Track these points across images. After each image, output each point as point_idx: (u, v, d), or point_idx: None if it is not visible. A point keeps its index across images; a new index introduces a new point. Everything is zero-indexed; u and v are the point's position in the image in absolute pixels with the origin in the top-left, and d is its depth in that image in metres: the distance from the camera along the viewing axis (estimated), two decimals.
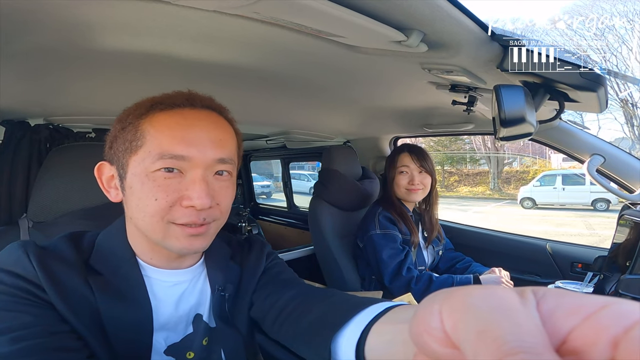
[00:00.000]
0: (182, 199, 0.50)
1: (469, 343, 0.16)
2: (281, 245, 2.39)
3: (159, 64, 0.85)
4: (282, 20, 0.59)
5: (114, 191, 0.56)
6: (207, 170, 0.52)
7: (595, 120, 12.41)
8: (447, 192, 14.43)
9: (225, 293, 0.61)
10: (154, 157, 0.50)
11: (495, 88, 0.72)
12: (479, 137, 14.16)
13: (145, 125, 0.52)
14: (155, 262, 0.57)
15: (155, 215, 0.50)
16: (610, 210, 9.29)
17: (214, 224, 0.54)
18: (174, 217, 0.51)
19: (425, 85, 1.03)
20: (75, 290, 0.49)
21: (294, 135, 1.90)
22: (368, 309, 0.39)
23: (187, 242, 0.52)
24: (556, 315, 0.16)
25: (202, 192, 0.50)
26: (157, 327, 0.55)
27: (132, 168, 0.51)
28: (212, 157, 0.52)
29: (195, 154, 0.51)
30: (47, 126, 1.12)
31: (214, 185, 0.53)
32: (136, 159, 0.51)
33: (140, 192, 0.51)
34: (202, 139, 0.52)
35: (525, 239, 1.67)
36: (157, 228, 0.51)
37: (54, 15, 0.60)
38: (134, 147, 0.51)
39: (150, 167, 0.50)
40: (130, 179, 0.52)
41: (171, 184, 0.50)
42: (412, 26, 0.61)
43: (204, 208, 0.51)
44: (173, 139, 0.50)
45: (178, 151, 0.50)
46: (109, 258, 0.55)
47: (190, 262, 0.61)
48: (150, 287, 0.56)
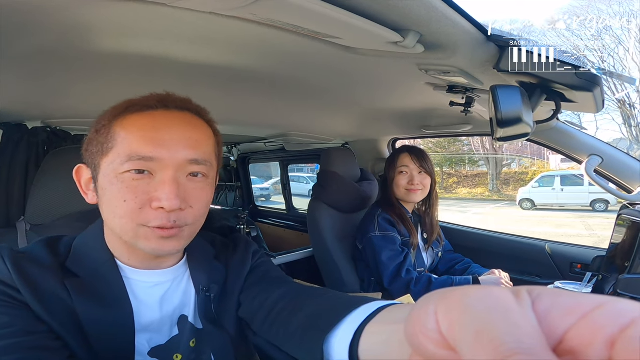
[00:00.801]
0: (152, 200, 0.50)
1: (466, 344, 0.16)
2: (280, 247, 2.39)
3: (157, 66, 0.86)
4: (278, 21, 0.59)
5: (91, 193, 0.55)
6: (179, 172, 0.51)
7: (593, 121, 12.44)
8: (446, 194, 14.43)
9: (210, 294, 0.61)
10: (123, 159, 0.49)
11: (492, 88, 0.72)
12: (478, 139, 14.19)
13: (117, 127, 0.51)
14: (133, 263, 0.57)
15: (125, 216, 0.50)
16: (609, 210, 9.28)
17: (186, 228, 0.53)
18: (144, 220, 0.50)
19: (422, 86, 1.03)
20: (51, 293, 0.49)
21: (292, 137, 1.91)
22: (361, 308, 0.38)
23: (157, 243, 0.51)
24: (552, 315, 0.16)
25: (171, 193, 0.49)
26: (139, 328, 0.54)
27: (103, 170, 0.51)
28: (184, 158, 0.51)
29: (165, 154, 0.50)
30: (45, 129, 1.12)
31: (186, 186, 0.52)
32: (107, 161, 0.51)
33: (110, 194, 0.50)
34: (173, 140, 0.51)
35: (524, 240, 1.67)
36: (127, 229, 0.51)
37: (52, 17, 0.60)
38: (106, 149, 0.51)
39: (119, 168, 0.50)
40: (102, 180, 0.51)
41: (140, 185, 0.50)
42: (408, 27, 0.61)
43: (173, 209, 0.50)
44: (142, 139, 0.50)
45: (146, 152, 0.49)
46: (87, 260, 0.55)
47: (171, 262, 0.60)
48: (130, 288, 0.55)
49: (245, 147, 2.80)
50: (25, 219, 0.91)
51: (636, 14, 10.67)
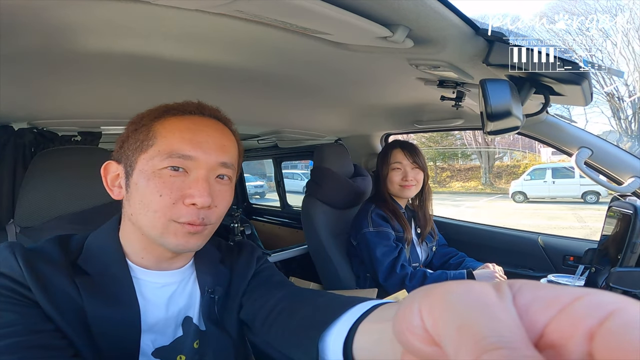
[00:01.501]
0: (185, 197, 0.53)
1: (449, 340, 0.16)
2: (275, 244, 2.39)
3: (144, 65, 0.84)
4: (266, 18, 0.58)
5: (117, 189, 0.58)
6: (210, 172, 0.55)
7: (582, 114, 12.60)
8: (440, 188, 14.52)
9: (214, 295, 0.62)
10: (163, 156, 0.53)
11: (481, 82, 0.72)
12: (470, 132, 14.29)
13: (157, 127, 0.55)
14: (145, 263, 0.58)
15: (159, 210, 0.52)
16: (600, 202, 9.42)
17: (209, 226, 0.56)
18: (176, 215, 0.53)
19: (413, 81, 1.03)
20: (61, 290, 0.50)
21: (285, 134, 1.90)
22: (355, 307, 0.39)
23: (184, 239, 0.54)
24: (532, 308, 0.16)
25: (204, 190, 0.53)
26: (145, 328, 0.55)
27: (140, 165, 0.54)
28: (216, 160, 0.55)
29: (201, 155, 0.54)
30: (32, 130, 1.10)
31: (214, 187, 0.56)
32: (145, 157, 0.54)
33: (145, 189, 0.53)
34: (208, 142, 0.55)
35: (518, 233, 1.69)
36: (158, 224, 0.53)
37: (36, 18, 0.59)
38: (145, 146, 0.54)
39: (158, 164, 0.53)
40: (137, 176, 0.54)
41: (176, 182, 0.53)
42: (397, 22, 0.61)
43: (204, 206, 0.53)
44: (183, 140, 0.54)
45: (186, 151, 0.53)
46: (98, 259, 0.56)
47: (180, 263, 0.62)
48: (139, 288, 0.56)
49: None
50: (15, 221, 0.89)
51: (623, 9, 10.79)
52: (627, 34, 10.36)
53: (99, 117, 1.12)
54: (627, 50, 10.98)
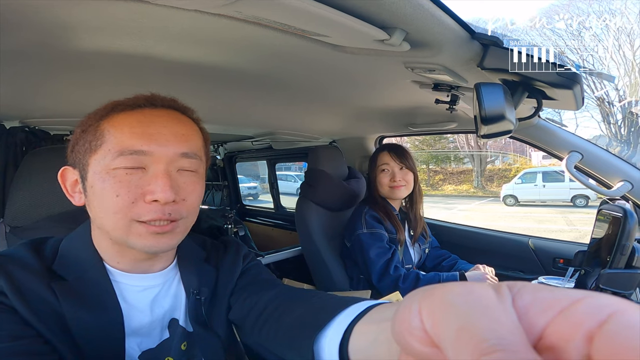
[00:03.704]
0: (145, 194, 0.50)
1: (449, 342, 0.16)
2: (269, 246, 2.38)
3: (139, 65, 0.84)
4: (265, 19, 0.58)
5: (77, 195, 0.55)
6: (171, 165, 0.52)
7: (573, 118, 12.76)
8: (433, 191, 14.61)
9: (201, 297, 0.60)
10: (114, 154, 0.50)
11: (476, 86, 0.73)
12: (463, 136, 14.40)
13: (105, 125, 0.52)
14: (123, 267, 0.56)
15: (118, 212, 0.49)
16: (589, 206, 9.56)
17: (181, 222, 0.53)
18: (137, 214, 0.50)
19: (409, 84, 1.04)
20: (38, 296, 0.48)
21: (279, 135, 1.90)
22: (349, 308, 0.38)
23: (151, 240, 0.51)
24: (532, 310, 0.16)
25: (165, 185, 0.50)
26: (129, 332, 0.53)
27: (93, 167, 0.51)
28: (175, 152, 0.52)
29: (156, 148, 0.51)
30: (23, 128, 1.09)
31: (178, 180, 0.53)
32: (96, 158, 0.51)
33: (101, 190, 0.50)
34: (163, 134, 0.52)
35: (509, 236, 1.70)
36: (119, 226, 0.50)
37: (29, 17, 0.58)
38: (94, 146, 0.51)
39: (110, 164, 0.50)
40: (91, 178, 0.51)
41: (132, 179, 0.50)
42: (394, 25, 0.61)
43: (167, 202, 0.50)
44: (133, 134, 0.50)
45: (138, 146, 0.50)
46: (74, 263, 0.54)
47: (162, 265, 0.60)
48: (120, 292, 0.55)
49: (232, 146, 2.78)
50: (5, 221, 0.88)
51: (615, 13, 10.98)
52: (618, 38, 10.54)
53: None
54: (618, 54, 11.18)
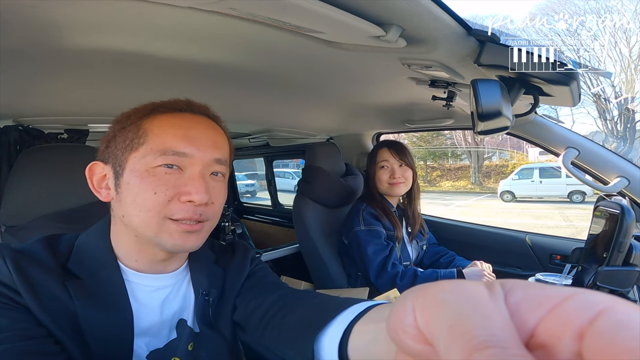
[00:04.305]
0: (181, 194, 0.52)
1: (441, 339, 0.16)
2: (266, 243, 2.38)
3: (134, 63, 0.83)
4: (259, 16, 0.58)
5: (104, 191, 0.56)
6: (205, 169, 0.55)
7: (569, 114, 12.80)
8: (430, 187, 14.65)
9: (209, 298, 0.61)
10: (156, 154, 0.52)
11: (473, 82, 0.73)
12: (460, 132, 14.43)
13: (147, 124, 0.54)
14: (138, 266, 0.57)
15: (153, 209, 0.51)
16: (586, 202, 9.61)
17: (207, 223, 0.56)
18: (171, 212, 0.52)
19: (405, 81, 1.04)
20: (52, 294, 0.49)
21: (276, 133, 1.89)
22: (350, 308, 0.39)
23: (180, 238, 0.53)
24: (523, 308, 0.16)
25: (200, 187, 0.52)
26: (138, 332, 0.54)
27: (131, 164, 0.53)
28: (211, 157, 0.55)
29: (195, 152, 0.53)
30: (17, 127, 1.08)
31: (210, 183, 0.55)
32: (136, 156, 0.53)
33: (138, 187, 0.52)
34: (201, 139, 0.55)
35: (506, 232, 1.71)
36: (152, 223, 0.52)
37: (23, 15, 0.57)
38: (135, 144, 0.53)
39: (151, 162, 0.52)
40: (128, 175, 0.53)
41: (171, 179, 0.52)
42: (390, 21, 0.61)
43: (202, 203, 0.53)
44: (175, 137, 0.53)
45: (180, 148, 0.52)
46: (89, 261, 0.55)
47: (174, 266, 0.61)
48: (132, 292, 0.55)
49: None
50: (0, 220, 0.87)
51: (611, 10, 10.98)
52: (614, 35, 10.56)
53: (86, 115, 1.10)
54: (615, 51, 11.20)
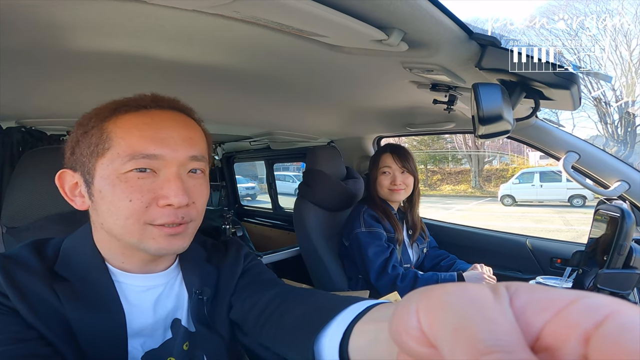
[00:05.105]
0: (158, 198, 0.50)
1: (445, 342, 0.16)
2: (267, 246, 2.38)
3: (136, 65, 0.83)
4: (263, 19, 0.58)
5: (79, 199, 0.54)
6: (181, 168, 0.52)
7: (570, 118, 12.79)
8: (431, 191, 14.64)
9: (203, 296, 0.60)
10: (124, 159, 0.49)
11: (474, 86, 0.73)
12: (460, 136, 14.44)
13: (110, 127, 0.50)
14: (127, 267, 0.56)
15: (131, 217, 0.49)
16: (586, 206, 9.60)
17: (191, 224, 0.54)
18: (151, 218, 0.50)
19: (406, 84, 1.04)
20: (41, 297, 0.48)
21: (277, 136, 1.90)
22: (350, 307, 0.38)
23: (165, 242, 0.51)
24: (529, 311, 0.16)
25: (178, 189, 0.50)
26: (132, 333, 0.53)
27: (100, 171, 0.50)
28: (185, 155, 0.52)
29: (168, 152, 0.50)
30: (20, 129, 1.08)
31: (188, 183, 0.53)
32: (104, 162, 0.50)
33: (112, 196, 0.49)
34: (173, 137, 0.51)
35: (506, 236, 1.71)
36: (133, 230, 0.50)
37: (26, 16, 0.57)
38: (101, 150, 0.50)
39: (121, 168, 0.49)
40: (99, 183, 0.50)
41: (145, 184, 0.50)
42: (392, 25, 0.61)
43: (181, 206, 0.50)
44: (143, 138, 0.50)
45: (150, 150, 0.49)
46: (76, 264, 0.54)
47: (164, 265, 0.60)
48: (123, 293, 0.55)
49: (230, 146, 2.77)
50: (1, 221, 0.87)
51: (612, 13, 11.02)
52: (615, 38, 10.58)
53: None
54: (615, 54, 11.22)
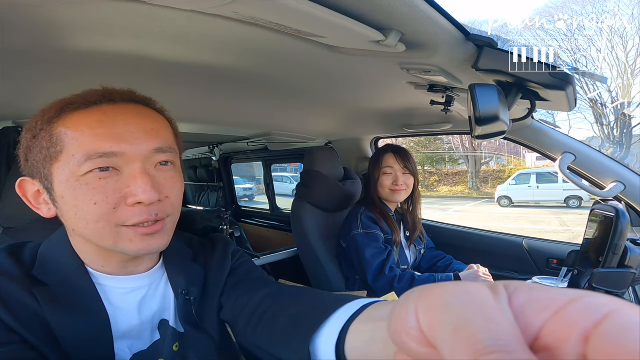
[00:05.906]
0: (126, 197, 0.47)
1: (445, 342, 0.16)
2: (265, 247, 2.37)
3: (134, 65, 0.83)
4: (261, 20, 0.58)
5: (44, 207, 0.52)
6: (147, 163, 0.49)
7: (566, 119, 12.87)
8: (428, 192, 14.65)
9: (190, 297, 0.59)
10: (80, 160, 0.46)
11: (471, 87, 0.73)
12: (457, 137, 14.47)
13: (59, 128, 0.47)
14: (107, 270, 0.54)
15: (100, 220, 0.47)
16: (582, 207, 9.64)
17: (168, 219, 0.51)
18: (122, 220, 0.47)
19: (404, 85, 1.04)
20: (20, 301, 0.47)
21: (275, 137, 1.90)
22: (345, 306, 0.38)
23: (142, 243, 0.49)
24: (528, 310, 0.16)
25: (146, 185, 0.47)
26: (117, 335, 0.52)
27: (58, 176, 0.47)
28: (148, 148, 0.49)
29: (128, 148, 0.47)
30: (17, 129, 1.08)
31: (158, 177, 0.50)
32: (59, 166, 0.47)
33: (74, 200, 0.46)
34: (131, 131, 0.48)
35: (503, 237, 1.72)
36: (105, 234, 0.48)
37: (25, 16, 0.57)
38: (53, 153, 0.47)
39: (78, 170, 0.46)
40: (59, 188, 0.47)
41: (109, 183, 0.47)
42: (390, 26, 0.61)
43: (152, 202, 0.48)
44: (97, 137, 0.46)
45: (106, 148, 0.46)
46: (54, 268, 0.52)
47: (147, 265, 0.58)
48: (105, 296, 0.53)
49: (228, 147, 2.77)
50: None
51: (608, 14, 11.09)
52: (611, 39, 10.65)
53: None
54: (611, 56, 11.29)
